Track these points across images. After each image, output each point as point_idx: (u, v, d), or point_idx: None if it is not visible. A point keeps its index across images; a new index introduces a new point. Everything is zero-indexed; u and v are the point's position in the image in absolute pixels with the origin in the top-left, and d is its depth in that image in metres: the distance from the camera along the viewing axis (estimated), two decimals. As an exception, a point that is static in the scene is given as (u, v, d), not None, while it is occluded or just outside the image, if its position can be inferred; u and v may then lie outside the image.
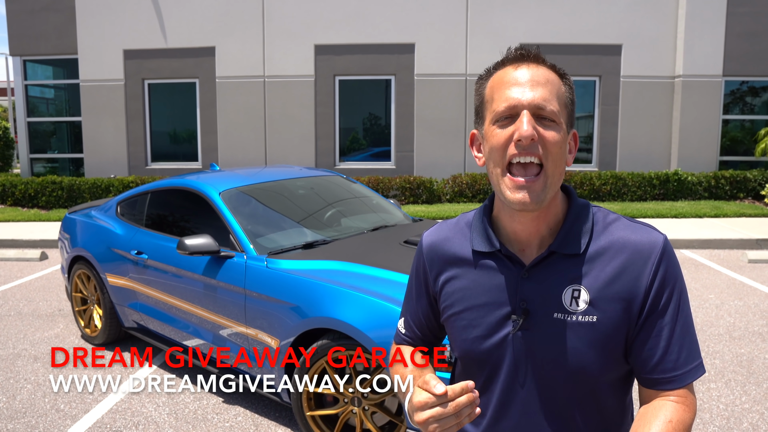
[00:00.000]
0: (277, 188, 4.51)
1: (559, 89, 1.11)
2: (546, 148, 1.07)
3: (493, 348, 1.19)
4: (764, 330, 5.12)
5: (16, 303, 6.28)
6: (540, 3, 12.42)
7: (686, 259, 7.84)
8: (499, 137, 1.09)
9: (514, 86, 1.09)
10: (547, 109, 1.07)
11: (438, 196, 12.11)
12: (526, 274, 1.16)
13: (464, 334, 1.22)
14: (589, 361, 1.13)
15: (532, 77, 1.09)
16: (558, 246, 1.15)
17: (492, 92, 1.13)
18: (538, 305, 1.15)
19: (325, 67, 12.86)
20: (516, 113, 1.08)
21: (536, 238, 1.18)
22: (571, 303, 1.13)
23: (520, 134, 1.06)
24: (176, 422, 3.70)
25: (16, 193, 12.38)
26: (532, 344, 1.16)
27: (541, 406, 1.17)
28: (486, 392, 1.23)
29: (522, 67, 1.11)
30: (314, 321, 3.17)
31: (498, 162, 1.10)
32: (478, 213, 1.27)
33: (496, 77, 1.14)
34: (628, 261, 1.13)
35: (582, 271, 1.14)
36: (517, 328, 1.16)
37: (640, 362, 1.15)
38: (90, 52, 13.32)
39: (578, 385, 1.15)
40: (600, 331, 1.12)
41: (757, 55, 12.39)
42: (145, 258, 4.36)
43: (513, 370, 1.18)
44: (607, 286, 1.13)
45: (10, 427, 3.67)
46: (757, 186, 11.94)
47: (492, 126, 1.12)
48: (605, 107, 12.74)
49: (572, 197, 1.21)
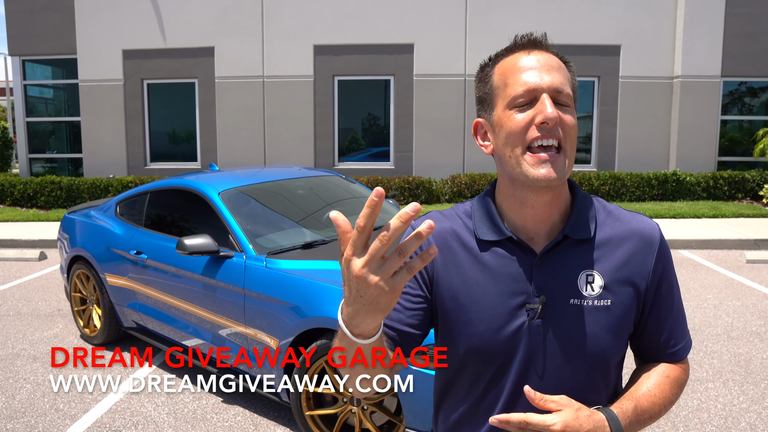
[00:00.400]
0: (276, 188, 4.52)
1: (568, 75, 1.13)
2: (565, 130, 1.08)
3: (505, 340, 1.15)
4: (762, 330, 5.13)
5: (15, 303, 6.28)
6: (539, 3, 12.44)
7: (685, 259, 7.86)
8: (519, 122, 1.09)
9: (530, 70, 1.09)
10: (564, 92, 1.09)
11: (437, 197, 12.12)
12: (538, 262, 1.15)
13: (470, 329, 1.16)
14: (606, 345, 1.15)
15: (546, 62, 1.10)
16: (571, 230, 1.16)
17: (504, 78, 1.12)
18: (553, 292, 1.14)
19: (324, 67, 12.87)
20: (535, 97, 1.08)
21: (547, 225, 1.17)
22: (585, 288, 1.14)
23: (546, 116, 1.05)
24: (175, 422, 3.70)
25: (15, 193, 12.37)
26: (549, 332, 1.14)
27: (554, 393, 1.12)
28: (494, 388, 1.19)
29: (534, 52, 1.12)
30: (313, 321, 3.17)
31: (517, 144, 1.09)
32: (481, 201, 1.23)
33: (507, 63, 1.13)
34: (635, 247, 1.17)
35: (593, 256, 1.16)
36: (534, 317, 1.14)
37: (646, 341, 1.22)
38: (89, 52, 13.32)
39: (592, 371, 1.17)
40: (614, 315, 1.15)
41: (755, 56, 12.41)
42: (145, 258, 4.37)
43: (527, 360, 1.15)
44: (617, 271, 1.16)
45: (10, 426, 3.67)
46: (755, 186, 11.96)
47: (508, 111, 1.10)
48: (604, 108, 12.75)
49: (575, 186, 1.23)
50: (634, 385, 1.21)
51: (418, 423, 2.90)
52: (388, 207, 4.88)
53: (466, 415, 1.23)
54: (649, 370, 1.23)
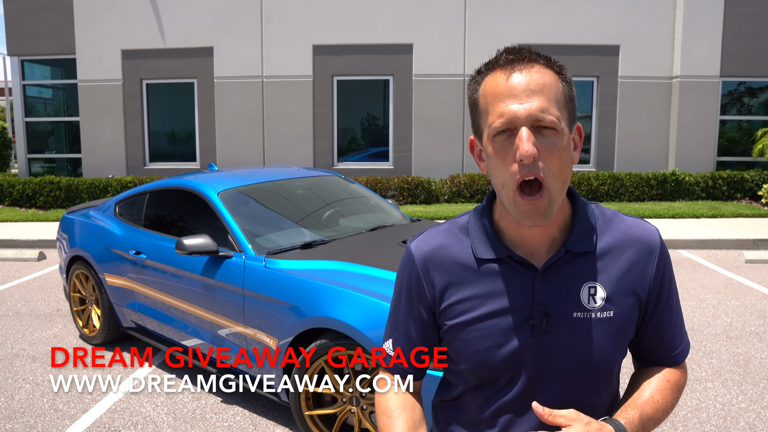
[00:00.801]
0: (276, 188, 4.52)
1: (556, 90, 1.06)
2: (547, 163, 1.04)
3: (510, 355, 1.15)
4: (761, 330, 5.14)
5: (14, 303, 6.28)
6: (538, 3, 12.45)
7: (684, 259, 7.86)
8: (501, 157, 1.06)
9: (508, 98, 1.04)
10: (546, 119, 1.03)
11: (436, 197, 12.13)
12: (540, 277, 1.14)
13: (476, 345, 1.16)
14: (609, 356, 1.16)
15: (527, 85, 1.04)
16: (573, 245, 1.15)
17: (486, 103, 1.08)
18: (557, 306, 1.14)
19: (323, 67, 12.87)
20: (514, 127, 1.04)
21: (547, 241, 1.16)
22: (589, 301, 1.14)
23: (521, 154, 1.02)
24: (175, 422, 3.71)
25: (14, 193, 12.36)
26: (554, 346, 1.14)
27: (559, 407, 1.14)
28: (497, 402, 1.19)
29: (515, 72, 1.05)
30: (313, 321, 3.17)
31: (506, 181, 1.07)
32: (476, 217, 1.22)
33: (488, 85, 1.08)
34: (635, 255, 1.17)
35: (595, 267, 1.16)
36: (539, 333, 1.13)
37: (647, 345, 1.23)
38: (88, 52, 13.31)
39: (597, 378, 1.18)
40: (617, 325, 1.16)
41: (754, 56, 12.42)
42: (144, 258, 4.36)
43: (533, 375, 1.16)
44: (619, 281, 1.16)
45: (9, 426, 3.67)
46: (754, 186, 11.98)
47: (490, 142, 1.08)
48: (603, 108, 12.76)
49: (575, 196, 1.21)
50: (636, 392, 1.21)
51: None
52: (387, 207, 4.88)
53: (470, 425, 1.24)
54: (650, 376, 1.23)
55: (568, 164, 1.08)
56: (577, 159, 1.13)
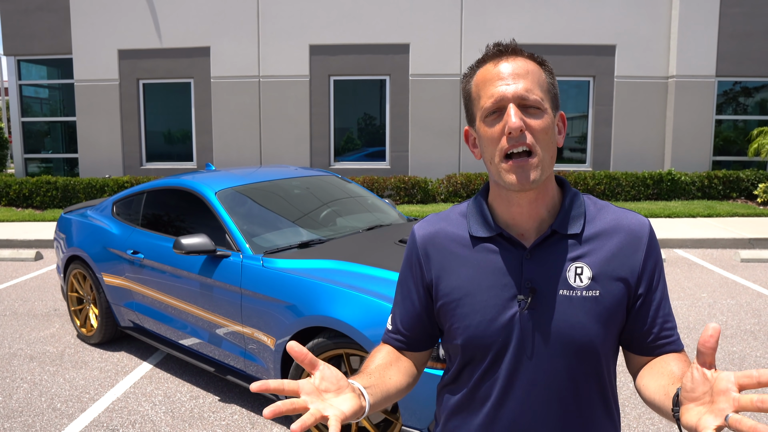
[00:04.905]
0: (273, 188, 4.53)
1: (539, 77, 1.17)
2: (534, 135, 1.14)
3: (499, 330, 1.21)
4: (756, 328, 5.17)
5: (12, 303, 6.28)
6: (534, 3, 12.48)
7: (679, 258, 7.90)
8: (492, 133, 1.16)
9: (497, 81, 1.15)
10: (530, 98, 1.13)
11: (433, 196, 12.15)
12: (529, 255, 1.21)
13: (467, 321, 1.23)
14: (594, 335, 1.20)
15: (513, 70, 1.15)
16: (559, 225, 1.21)
17: (477, 90, 1.19)
18: (544, 284, 1.20)
19: (319, 67, 12.88)
20: (503, 106, 1.14)
21: (535, 221, 1.23)
22: (575, 279, 1.19)
23: (509, 127, 1.11)
24: (173, 420, 3.72)
25: (11, 193, 12.35)
26: (539, 322, 1.20)
27: (546, 384, 1.20)
28: (489, 378, 1.25)
29: (502, 61, 1.17)
30: (310, 320, 3.19)
31: (494, 154, 1.16)
32: (474, 200, 1.31)
33: (479, 75, 1.20)
34: (623, 241, 1.22)
35: (582, 249, 1.21)
36: (525, 307, 1.19)
37: (641, 334, 1.25)
38: (84, 51, 13.30)
39: (583, 361, 1.21)
40: (603, 305, 1.20)
41: (749, 56, 12.47)
42: (141, 257, 4.37)
43: (519, 350, 1.21)
44: (606, 263, 1.20)
45: (7, 426, 3.68)
46: (749, 186, 12.03)
47: (483, 123, 1.18)
48: (599, 107, 12.80)
49: (566, 185, 1.29)
50: (667, 367, 1.18)
51: (415, 421, 2.92)
52: (384, 206, 4.89)
53: (465, 402, 1.30)
54: (667, 359, 1.21)
55: (554, 142, 1.18)
56: (561, 142, 1.22)
